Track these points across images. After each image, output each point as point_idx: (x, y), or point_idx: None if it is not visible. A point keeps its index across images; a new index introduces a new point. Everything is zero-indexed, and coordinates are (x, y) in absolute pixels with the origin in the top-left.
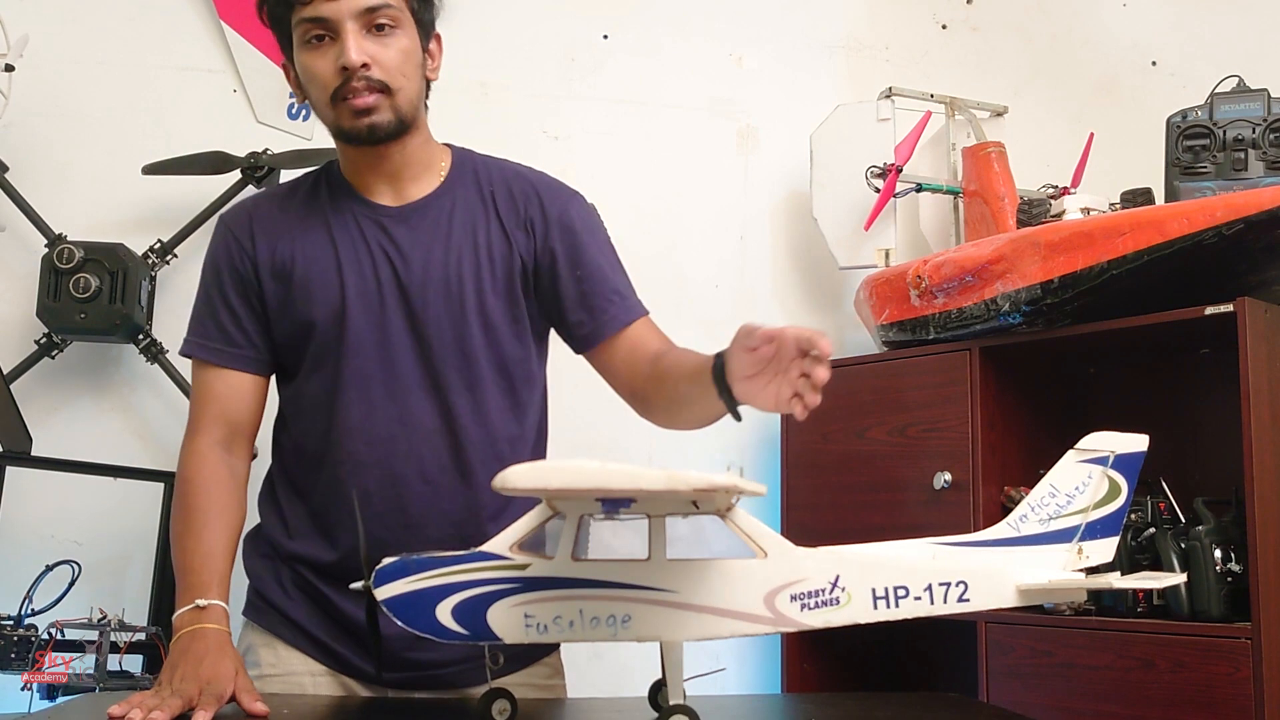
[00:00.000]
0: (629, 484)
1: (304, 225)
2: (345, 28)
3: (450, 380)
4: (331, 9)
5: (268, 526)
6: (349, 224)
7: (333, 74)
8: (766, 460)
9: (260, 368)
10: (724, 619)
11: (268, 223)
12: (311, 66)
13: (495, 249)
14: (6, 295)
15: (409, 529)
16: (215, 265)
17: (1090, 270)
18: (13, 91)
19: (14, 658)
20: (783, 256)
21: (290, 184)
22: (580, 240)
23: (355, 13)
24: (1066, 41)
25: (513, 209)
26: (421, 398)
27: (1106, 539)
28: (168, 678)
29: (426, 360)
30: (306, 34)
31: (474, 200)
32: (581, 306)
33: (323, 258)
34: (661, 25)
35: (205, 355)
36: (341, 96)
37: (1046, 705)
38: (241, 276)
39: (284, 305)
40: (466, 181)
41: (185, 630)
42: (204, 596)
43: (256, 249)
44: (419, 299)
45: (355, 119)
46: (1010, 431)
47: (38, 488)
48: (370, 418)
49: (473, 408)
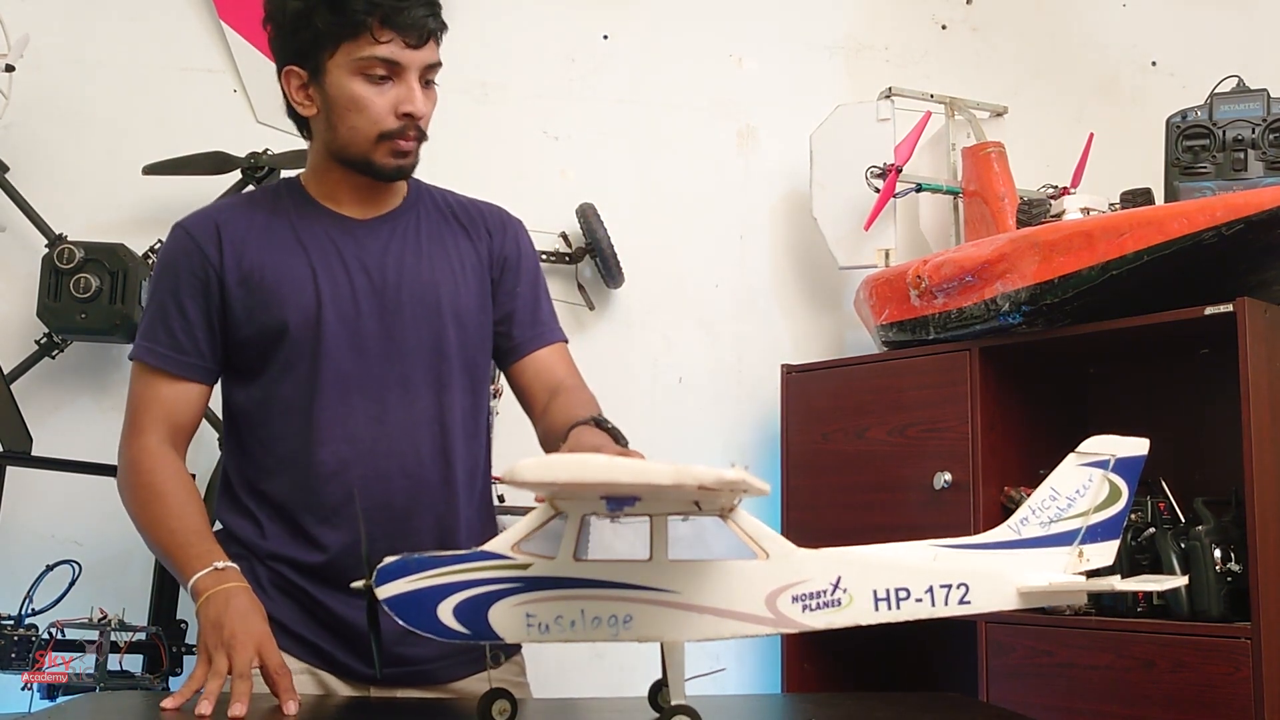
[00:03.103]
0: (637, 478)
1: (270, 234)
2: (412, 76)
3: (425, 380)
4: (407, 57)
5: (235, 528)
6: (319, 234)
7: (389, 115)
8: (766, 460)
9: (207, 377)
10: (725, 620)
11: (233, 230)
12: (366, 100)
13: (465, 255)
14: (7, 295)
15: (395, 522)
16: (173, 270)
17: (1090, 270)
18: (13, 91)
19: (14, 657)
20: (783, 256)
21: (247, 195)
22: (521, 265)
23: (424, 65)
24: (1066, 41)
25: (471, 223)
26: (399, 397)
27: (1107, 542)
28: (215, 641)
29: (401, 360)
30: (369, 69)
31: (436, 215)
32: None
33: (294, 264)
34: (661, 25)
35: (154, 361)
36: (391, 138)
37: (1046, 705)
38: (202, 283)
39: (250, 311)
40: (425, 202)
41: (214, 591)
42: (219, 559)
43: (224, 256)
44: (393, 301)
45: (394, 159)
46: (1010, 431)
47: (38, 488)
48: (350, 417)
49: (446, 406)
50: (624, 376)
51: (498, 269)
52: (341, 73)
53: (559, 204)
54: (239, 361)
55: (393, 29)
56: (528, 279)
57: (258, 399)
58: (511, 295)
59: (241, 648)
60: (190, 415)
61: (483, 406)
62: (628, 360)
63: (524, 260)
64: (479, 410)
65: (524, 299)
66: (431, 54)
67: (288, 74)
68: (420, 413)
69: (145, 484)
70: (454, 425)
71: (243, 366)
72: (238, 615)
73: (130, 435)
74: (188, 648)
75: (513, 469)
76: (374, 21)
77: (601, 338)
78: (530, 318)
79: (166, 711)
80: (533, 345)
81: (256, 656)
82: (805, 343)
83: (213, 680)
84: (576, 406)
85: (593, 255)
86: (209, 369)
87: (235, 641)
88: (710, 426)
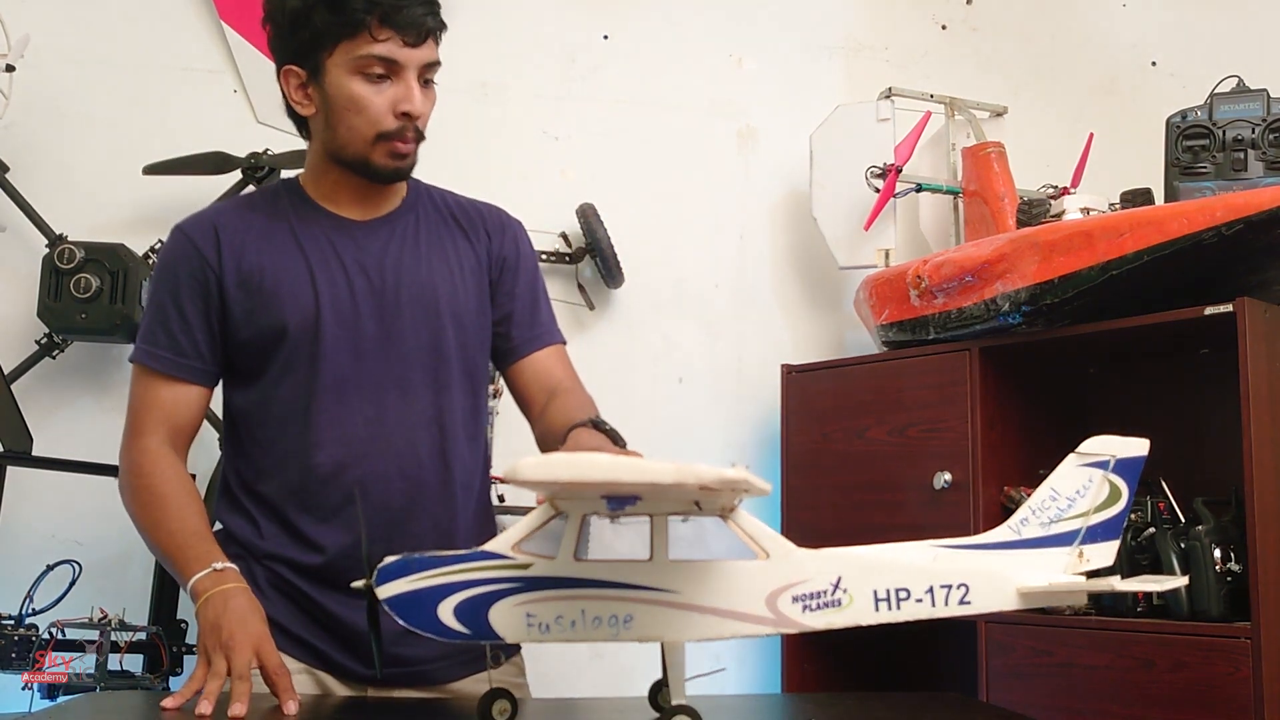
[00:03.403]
0: (638, 477)
1: (269, 236)
2: (410, 75)
3: (424, 381)
4: (405, 55)
5: (233, 528)
6: (318, 236)
7: (387, 114)
8: (767, 460)
9: (207, 379)
10: (726, 620)
11: (232, 233)
12: (364, 99)
13: (464, 257)
14: (7, 295)
15: (393, 525)
16: (172, 272)
17: (1090, 270)
18: (13, 91)
19: (14, 657)
20: (783, 256)
21: (246, 198)
22: (520, 266)
23: (422, 64)
24: (1066, 41)
25: (470, 225)
26: (398, 398)
27: (1107, 543)
28: (214, 642)
29: (400, 362)
30: (367, 67)
31: (435, 217)
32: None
33: (293, 266)
34: (661, 25)
35: (154, 364)
36: (389, 138)
37: (1046, 705)
38: (202, 285)
39: (250, 314)
40: (424, 203)
41: (213, 593)
42: (218, 560)
43: (222, 258)
44: (392, 303)
45: (392, 160)
46: (1010, 431)
47: (38, 488)
48: (349, 418)
49: (445, 407)
50: (624, 376)
51: (496, 270)
52: (340, 72)
53: (559, 204)
54: (238, 363)
55: (391, 27)
56: (526, 280)
57: (256, 401)
58: (510, 296)
59: (240, 649)
60: (190, 417)
61: (482, 408)
62: (628, 360)
63: (523, 261)
64: (478, 411)
65: (522, 300)
66: (430, 53)
67: (287, 73)
68: (419, 414)
69: (145, 486)
70: (453, 426)
71: (242, 368)
72: (236, 617)
73: (131, 438)
74: (188, 648)
75: (514, 468)
76: (372, 20)
77: (601, 338)
78: (528, 319)
79: (167, 711)
80: (530, 347)
81: (255, 657)
82: (805, 343)
83: (212, 681)
84: (574, 409)
85: (593, 255)
86: (209, 371)
87: (234, 643)
88: (710, 426)
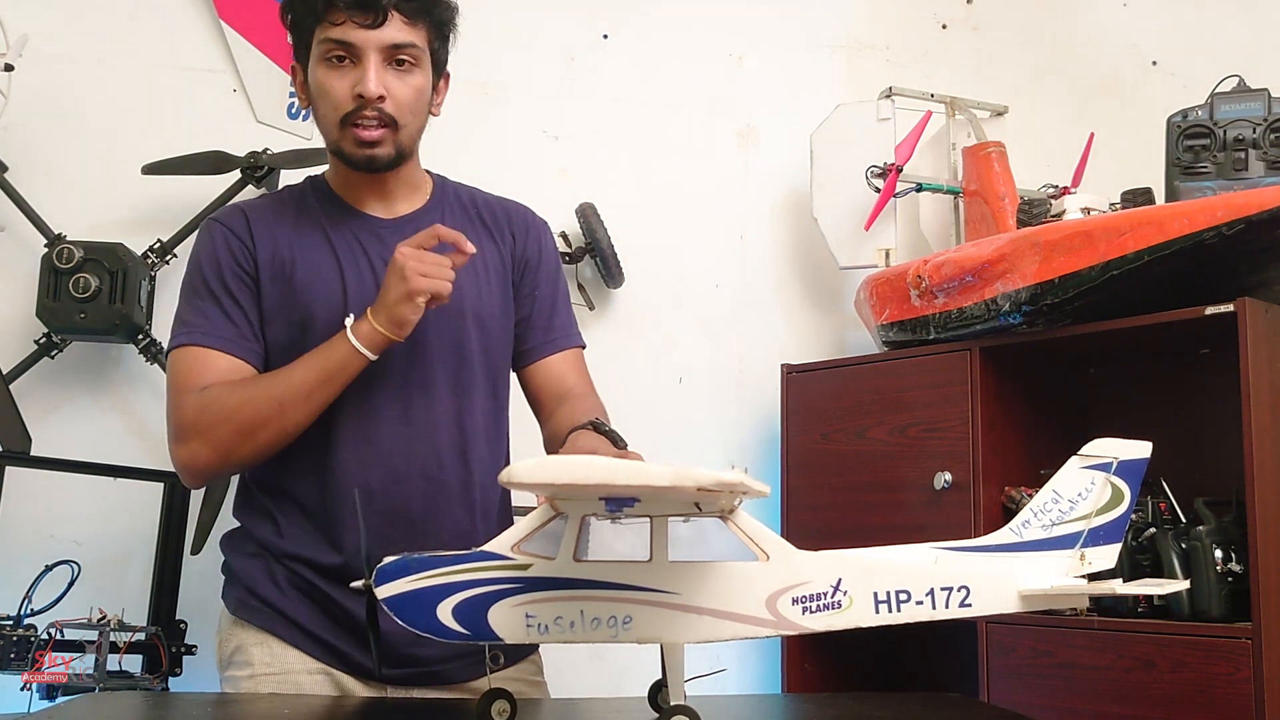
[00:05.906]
0: (635, 480)
1: (300, 231)
2: (369, 57)
3: (445, 381)
4: (360, 37)
5: (252, 527)
6: (345, 233)
7: (347, 98)
8: (767, 460)
9: (260, 362)
10: (726, 621)
11: (265, 226)
12: (327, 84)
13: (489, 257)
14: (6, 295)
15: (413, 525)
16: (215, 262)
17: (1090, 270)
18: (13, 91)
19: (14, 658)
20: (783, 256)
21: (275, 195)
22: (542, 268)
23: (382, 45)
24: (1067, 41)
25: (495, 224)
26: (420, 399)
27: (1109, 545)
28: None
29: (423, 362)
30: (329, 52)
31: (460, 215)
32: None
33: (323, 262)
34: (661, 25)
35: (211, 343)
36: (351, 123)
37: (1047, 705)
38: (246, 272)
39: (281, 307)
40: (450, 201)
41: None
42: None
43: (258, 249)
44: None
45: (358, 148)
46: (1010, 432)
47: (38, 488)
48: (372, 417)
49: (466, 407)
50: (624, 376)
51: (519, 271)
52: (314, 61)
53: (559, 204)
54: (274, 361)
55: (344, 9)
56: (547, 282)
57: None
58: (530, 299)
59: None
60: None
61: (504, 409)
62: (628, 360)
63: (545, 264)
64: (500, 413)
65: (541, 303)
66: (395, 33)
67: (293, 72)
68: (440, 415)
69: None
70: (474, 428)
71: (275, 365)
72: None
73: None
74: (187, 648)
75: (509, 471)
76: (329, 4)
77: (601, 338)
78: (545, 323)
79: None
80: (544, 351)
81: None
82: (805, 343)
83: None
84: (581, 414)
85: (593, 255)
86: (261, 354)
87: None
88: (710, 426)
